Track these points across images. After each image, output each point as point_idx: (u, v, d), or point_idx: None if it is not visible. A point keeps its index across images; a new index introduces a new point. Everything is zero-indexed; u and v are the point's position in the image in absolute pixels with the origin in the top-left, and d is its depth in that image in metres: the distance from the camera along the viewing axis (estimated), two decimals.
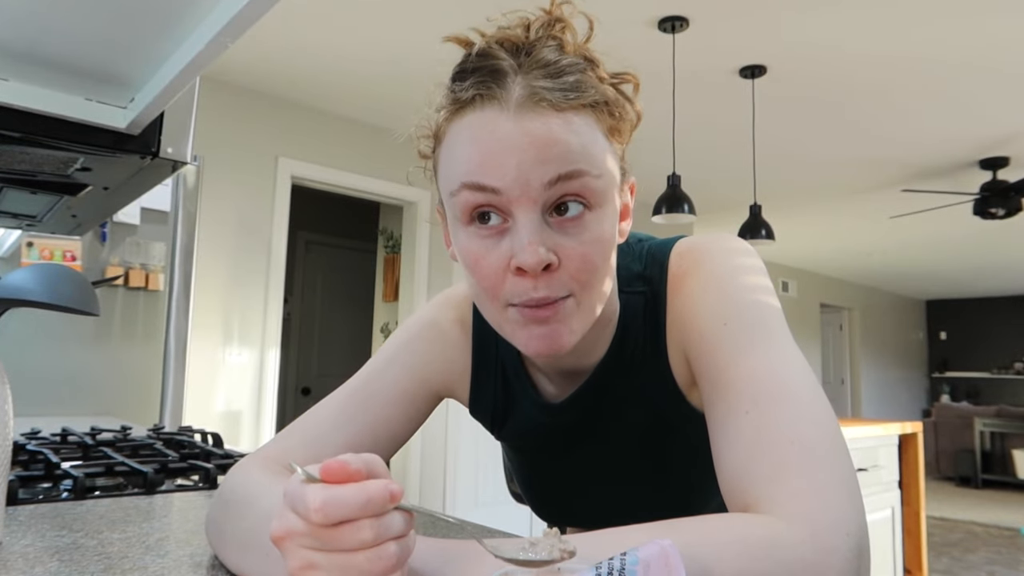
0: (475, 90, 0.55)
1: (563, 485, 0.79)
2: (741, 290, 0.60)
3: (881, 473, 2.83)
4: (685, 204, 3.11)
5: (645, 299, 0.67)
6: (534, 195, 0.54)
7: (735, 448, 0.51)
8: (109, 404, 2.14)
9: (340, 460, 0.40)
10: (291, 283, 5.35)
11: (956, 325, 11.55)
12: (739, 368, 0.55)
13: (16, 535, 0.67)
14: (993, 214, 4.55)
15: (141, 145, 0.90)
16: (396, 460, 4.14)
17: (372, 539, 0.39)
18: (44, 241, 2.08)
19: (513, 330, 0.58)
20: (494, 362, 0.75)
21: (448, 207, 0.59)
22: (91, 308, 0.66)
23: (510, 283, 0.56)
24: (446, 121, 0.58)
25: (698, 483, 0.74)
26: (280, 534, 0.40)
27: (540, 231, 0.54)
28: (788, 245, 7.38)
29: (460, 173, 0.56)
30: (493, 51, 0.56)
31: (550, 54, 0.56)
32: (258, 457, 0.67)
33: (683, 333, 0.63)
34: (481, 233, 0.56)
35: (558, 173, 0.54)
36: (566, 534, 0.45)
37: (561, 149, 0.54)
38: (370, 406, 0.71)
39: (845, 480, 0.47)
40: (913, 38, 2.96)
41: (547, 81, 0.54)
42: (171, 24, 0.69)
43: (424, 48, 3.06)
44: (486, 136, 0.54)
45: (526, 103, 0.54)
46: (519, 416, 0.75)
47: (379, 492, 0.39)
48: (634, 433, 0.71)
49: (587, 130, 0.56)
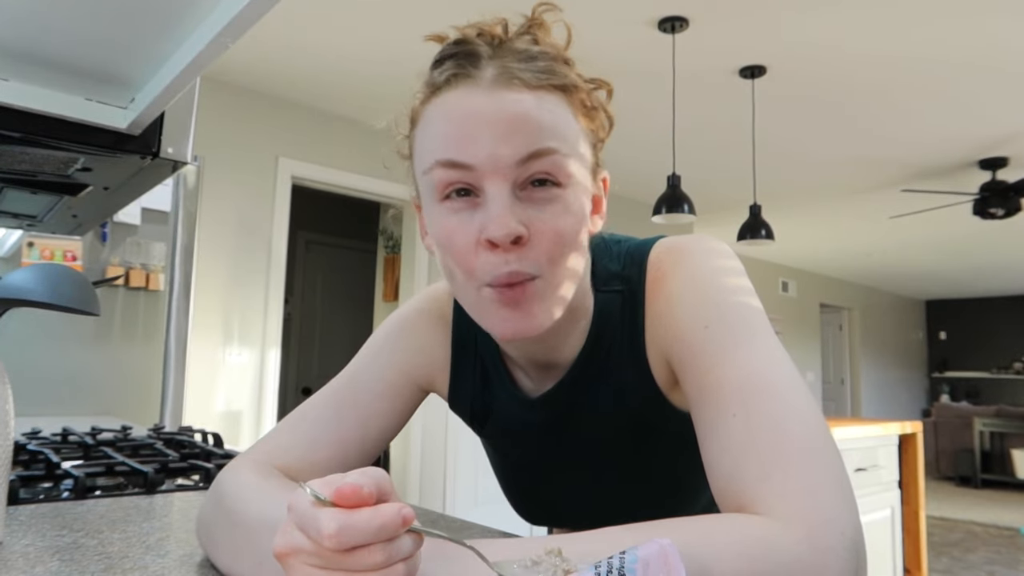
0: (450, 71, 0.57)
1: (541, 482, 0.79)
2: (722, 291, 0.60)
3: (881, 473, 2.83)
4: (685, 204, 3.11)
5: (623, 297, 0.67)
6: (505, 171, 0.54)
7: (726, 451, 0.51)
8: (109, 404, 2.14)
9: (353, 485, 0.39)
10: (291, 283, 5.35)
11: (956, 325, 11.55)
12: (724, 370, 0.54)
13: (17, 535, 0.67)
14: (992, 214, 4.55)
15: (141, 145, 0.90)
16: (396, 460, 4.14)
17: (383, 562, 0.39)
18: (45, 241, 2.08)
19: (486, 313, 0.58)
20: (473, 356, 0.75)
21: (422, 187, 0.60)
22: (92, 308, 0.66)
23: (482, 259, 0.56)
24: (421, 104, 0.60)
25: (679, 480, 0.74)
26: (285, 551, 0.40)
27: (511, 204, 0.55)
28: (788, 245, 7.38)
29: (433, 150, 0.57)
30: (469, 38, 0.58)
31: (524, 44, 0.58)
32: (249, 458, 0.67)
33: (663, 334, 0.63)
34: (454, 207, 0.57)
35: (529, 151, 0.54)
36: (559, 538, 0.45)
37: (533, 126, 0.55)
38: (358, 402, 0.71)
39: (837, 479, 0.47)
40: (913, 38, 2.96)
41: (520, 64, 0.56)
42: (171, 24, 0.69)
43: (424, 48, 3.05)
44: (459, 112, 0.56)
45: (499, 80, 0.55)
46: (498, 411, 0.75)
47: (393, 519, 0.39)
48: (612, 431, 0.71)
49: (559, 110, 0.57)
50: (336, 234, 5.86)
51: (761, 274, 8.15)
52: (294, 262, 5.43)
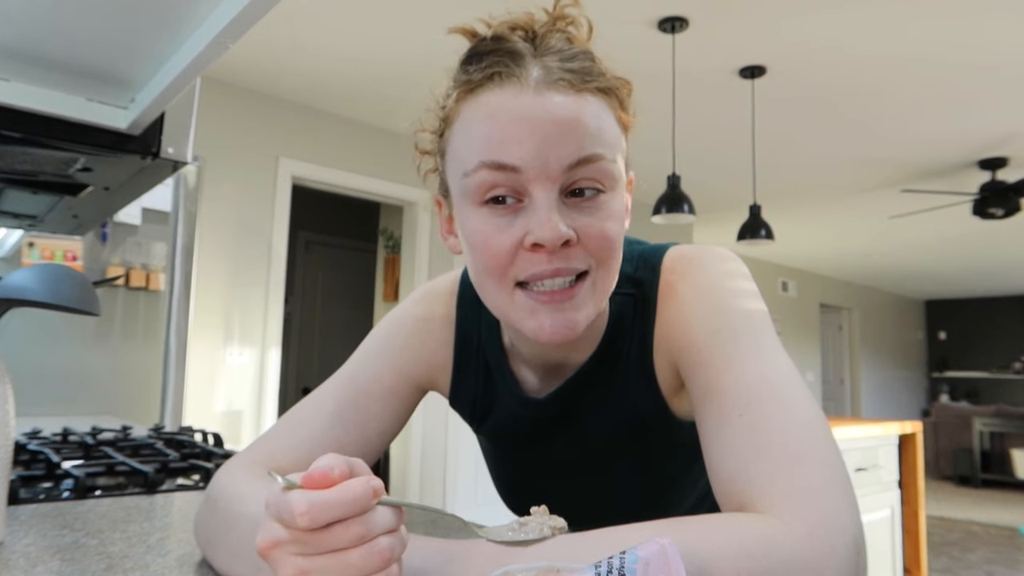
0: (491, 69, 0.55)
1: (538, 480, 0.79)
2: (732, 297, 0.61)
3: (881, 473, 2.83)
4: (685, 204, 3.11)
5: (635, 301, 0.67)
6: (553, 175, 0.54)
7: (729, 451, 0.51)
8: (110, 404, 2.14)
9: (322, 469, 0.39)
10: (291, 283, 5.35)
11: (955, 325, 11.55)
12: (731, 374, 0.55)
13: (18, 534, 0.68)
14: (992, 214, 4.55)
15: (142, 145, 0.91)
16: (396, 460, 4.14)
17: (363, 534, 0.39)
18: (45, 241, 2.08)
19: (521, 316, 0.57)
20: (475, 355, 0.75)
21: (458, 188, 0.58)
22: (92, 308, 0.66)
23: (522, 259, 0.55)
24: (458, 102, 0.57)
25: (671, 483, 0.75)
26: (266, 545, 0.40)
27: (559, 208, 0.54)
28: (788, 245, 7.38)
29: (478, 150, 0.55)
30: (507, 35, 0.56)
31: (560, 43, 0.57)
32: (245, 459, 0.66)
33: (673, 339, 0.63)
34: (495, 212, 0.56)
35: (578, 157, 0.54)
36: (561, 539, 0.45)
37: (581, 131, 0.54)
38: (357, 404, 0.70)
39: (839, 479, 0.48)
40: (913, 38, 2.96)
41: (563, 63, 0.55)
42: (172, 25, 0.69)
43: (424, 48, 3.06)
44: (506, 113, 0.54)
45: (544, 81, 0.54)
46: (499, 410, 0.75)
47: (362, 489, 0.39)
48: (612, 433, 0.71)
49: (603, 114, 0.56)
50: (336, 234, 5.86)
51: (761, 274, 8.14)
52: (294, 262, 5.43)
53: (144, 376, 2.20)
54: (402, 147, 3.00)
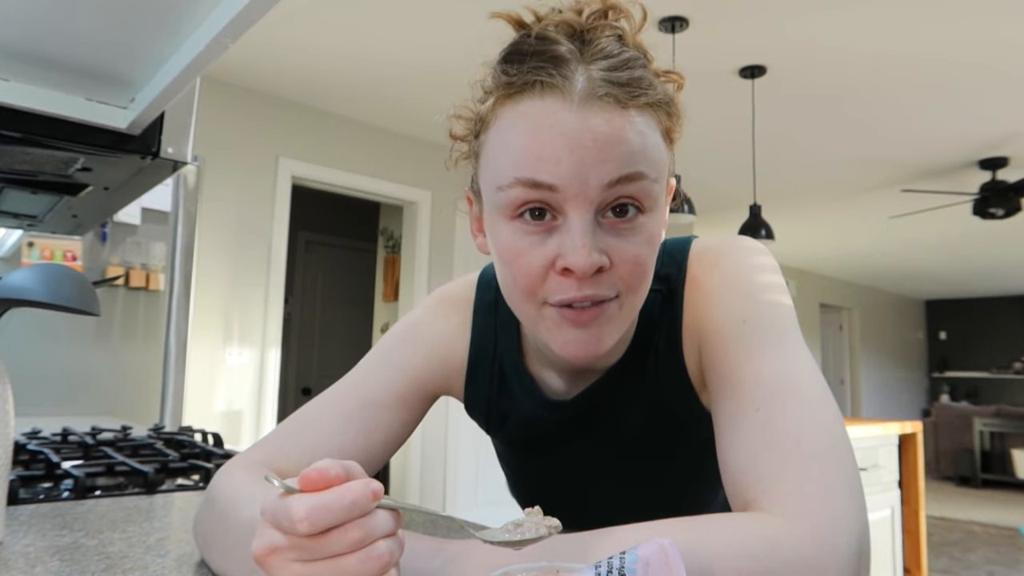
0: (534, 75, 0.52)
1: (559, 483, 0.79)
2: (759, 289, 0.60)
3: (881, 473, 2.83)
4: (685, 204, 3.11)
5: (662, 297, 0.66)
6: (591, 195, 0.52)
7: (741, 445, 0.51)
8: (109, 404, 2.14)
9: (318, 470, 0.39)
10: (291, 283, 5.35)
11: (956, 325, 11.55)
12: (751, 367, 0.55)
13: (17, 535, 0.67)
14: (992, 214, 4.55)
15: (141, 145, 0.91)
16: (396, 460, 4.14)
17: (361, 539, 0.38)
18: (45, 241, 2.08)
19: (549, 329, 0.57)
20: (491, 361, 0.74)
21: (491, 199, 0.56)
22: (92, 308, 0.66)
23: (552, 282, 0.54)
24: (497, 105, 0.55)
25: (699, 481, 0.74)
26: (263, 552, 0.39)
27: (593, 232, 0.52)
28: (788, 245, 7.38)
29: (514, 166, 0.53)
30: (551, 35, 0.53)
31: (611, 45, 0.53)
32: (246, 460, 0.65)
33: (700, 330, 0.62)
34: (527, 229, 0.54)
35: (619, 175, 0.51)
36: (560, 538, 0.45)
37: (623, 150, 0.51)
38: (364, 411, 0.68)
39: (848, 480, 0.47)
40: (913, 38, 2.96)
41: (611, 74, 0.52)
42: (172, 25, 0.69)
43: (425, 48, 3.06)
44: (546, 128, 0.51)
45: (590, 96, 0.51)
46: (518, 415, 0.74)
47: (361, 492, 0.38)
48: (640, 431, 0.70)
49: (648, 131, 0.53)
50: (336, 234, 5.85)
51: None
52: (294, 262, 5.42)
53: (144, 376, 2.20)
54: (402, 147, 3.01)
